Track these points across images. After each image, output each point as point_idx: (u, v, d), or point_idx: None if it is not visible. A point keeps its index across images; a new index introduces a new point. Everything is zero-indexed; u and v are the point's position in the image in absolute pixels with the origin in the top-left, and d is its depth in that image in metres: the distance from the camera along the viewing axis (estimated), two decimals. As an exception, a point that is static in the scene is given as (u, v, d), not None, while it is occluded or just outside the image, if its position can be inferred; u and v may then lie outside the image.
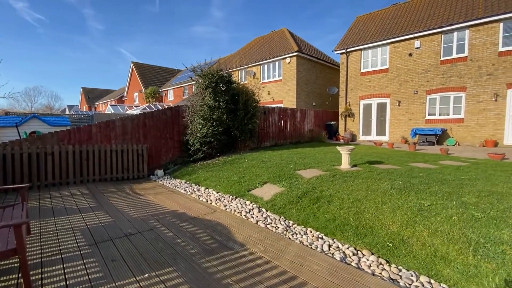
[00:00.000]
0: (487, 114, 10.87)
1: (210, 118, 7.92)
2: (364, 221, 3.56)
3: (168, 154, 8.16)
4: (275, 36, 20.25)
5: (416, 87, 12.65)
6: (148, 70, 34.87)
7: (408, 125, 12.99)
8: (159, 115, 7.95)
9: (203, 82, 7.99)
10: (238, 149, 9.35)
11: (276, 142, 11.90)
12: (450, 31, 11.53)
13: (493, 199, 3.66)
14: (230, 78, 8.68)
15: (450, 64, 11.63)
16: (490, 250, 2.72)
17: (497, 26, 10.40)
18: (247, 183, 5.48)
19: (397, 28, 13.42)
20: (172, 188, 6.02)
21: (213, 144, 8.18)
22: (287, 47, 16.67)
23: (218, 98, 8.07)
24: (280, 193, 4.79)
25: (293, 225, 3.78)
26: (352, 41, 14.80)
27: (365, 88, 14.38)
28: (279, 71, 17.00)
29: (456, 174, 5.20)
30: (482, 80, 10.88)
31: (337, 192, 4.48)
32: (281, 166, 6.40)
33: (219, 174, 6.42)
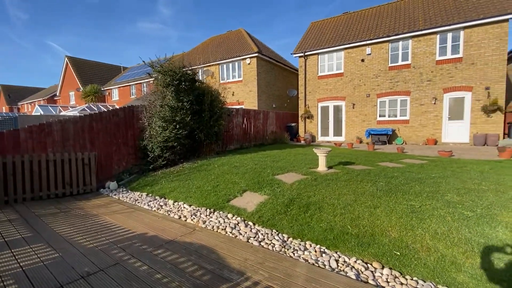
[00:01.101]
0: (428, 115, 12.23)
1: (173, 120, 7.04)
2: (363, 228, 3.34)
3: (121, 162, 6.98)
4: (232, 36, 19.80)
5: (368, 90, 13.61)
6: (87, 67, 30.82)
7: (361, 126, 13.89)
8: (110, 116, 6.74)
9: (164, 80, 7.07)
10: (203, 153, 8.60)
11: (241, 145, 11.43)
12: (396, 40, 12.70)
13: (473, 196, 3.84)
14: (195, 76, 7.91)
15: (397, 70, 12.80)
16: (491, 249, 2.73)
17: (435, 38, 11.81)
18: (224, 193, 4.88)
19: (350, 35, 14.28)
20: (131, 203, 5.05)
21: (176, 149, 7.31)
22: (247, 48, 16.37)
23: (182, 97, 7.24)
24: (265, 202, 4.34)
25: (288, 239, 3.36)
26: (309, 45, 15.25)
27: (323, 91, 14.95)
28: (239, 72, 16.59)
29: (426, 172, 5.49)
30: (423, 85, 12.21)
31: (325, 198, 4.23)
32: (257, 171, 5.95)
33: (188, 183, 5.66)
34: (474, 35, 11.03)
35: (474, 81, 11.16)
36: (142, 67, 26.82)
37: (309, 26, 17.70)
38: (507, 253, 2.67)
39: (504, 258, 2.59)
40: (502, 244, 2.78)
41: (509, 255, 2.61)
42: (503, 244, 2.77)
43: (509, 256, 2.61)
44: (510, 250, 2.69)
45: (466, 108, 11.48)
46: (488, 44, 10.80)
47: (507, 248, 2.73)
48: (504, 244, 2.77)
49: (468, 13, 11.24)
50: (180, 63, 7.51)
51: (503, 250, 2.68)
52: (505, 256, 2.62)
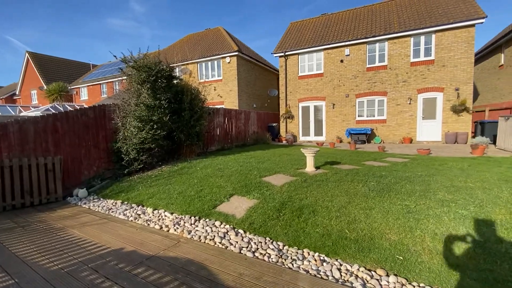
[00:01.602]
0: (403, 115, 12.68)
1: (150, 119, 6.52)
2: (361, 232, 3.18)
3: (91, 167, 6.32)
4: (210, 34, 19.27)
5: (347, 91, 13.84)
6: (51, 63, 28.47)
7: (341, 126, 14.10)
8: (77, 116, 6.07)
9: (139, 76, 6.51)
10: (183, 155, 8.12)
11: (222, 146, 11.04)
12: (373, 42, 13.04)
13: (463, 194, 3.84)
14: (172, 72, 7.42)
15: (374, 71, 13.14)
16: (492, 249, 2.67)
17: (409, 40, 12.27)
18: (210, 198, 4.52)
19: (329, 36, 14.45)
20: (104, 213, 4.51)
21: (154, 152, 6.78)
22: (226, 46, 15.98)
23: (159, 95, 6.73)
24: (254, 206, 4.05)
25: (284, 247, 3.10)
26: (289, 45, 15.22)
27: (303, 91, 14.98)
28: (218, 71, 16.15)
29: (411, 170, 5.52)
30: (399, 86, 12.65)
31: (318, 200, 4.04)
32: (243, 173, 5.65)
33: (168, 188, 5.20)
34: (445, 39, 11.62)
35: (445, 82, 11.75)
36: (114, 65, 25.33)
37: (289, 26, 17.71)
38: (505, 252, 2.63)
39: (505, 257, 2.54)
40: (501, 242, 2.74)
41: (507, 254, 2.57)
42: (501, 243, 2.73)
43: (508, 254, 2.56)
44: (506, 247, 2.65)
45: (438, 108, 12.05)
46: (457, 47, 11.42)
47: (502, 245, 2.70)
48: (501, 242, 2.73)
49: (439, 18, 11.82)
50: (156, 58, 6.99)
51: (505, 251, 2.63)
52: (505, 255, 2.56)
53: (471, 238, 2.87)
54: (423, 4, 13.34)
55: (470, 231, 2.98)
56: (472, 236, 2.89)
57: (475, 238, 2.86)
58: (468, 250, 2.72)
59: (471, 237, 2.87)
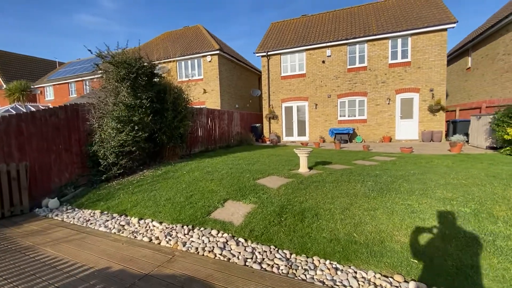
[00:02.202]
0: (383, 115, 13.08)
1: (130, 120, 6.00)
2: (370, 235, 3.04)
3: (63, 173, 5.65)
4: (189, 32, 18.66)
5: (329, 91, 14.02)
6: (11, 60, 25.99)
7: (324, 126, 14.25)
8: (46, 117, 5.40)
9: (118, 73, 5.96)
10: (165, 158, 7.63)
11: (206, 147, 10.62)
12: (353, 43, 13.32)
13: (460, 191, 3.87)
14: (154, 69, 6.93)
15: (354, 72, 13.43)
16: (503, 247, 2.65)
17: (387, 42, 12.69)
18: (202, 204, 4.18)
19: (310, 37, 14.56)
20: (81, 225, 3.99)
21: (135, 155, 6.25)
22: (207, 45, 15.51)
23: (140, 94, 6.22)
24: (252, 212, 3.79)
25: (291, 255, 2.87)
26: (271, 45, 15.12)
27: (286, 91, 14.95)
28: (199, 70, 15.62)
29: (403, 169, 5.57)
30: (378, 87, 13.03)
31: (319, 202, 3.87)
32: (235, 176, 5.35)
33: (154, 195, 4.77)
34: (420, 42, 12.16)
35: (421, 83, 12.29)
36: (84, 62, 23.69)
37: (270, 26, 17.64)
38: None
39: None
40: (509, 239, 2.72)
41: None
42: (510, 240, 2.72)
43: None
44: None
45: (415, 108, 12.58)
46: (431, 50, 12.00)
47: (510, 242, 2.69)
48: (510, 239, 2.72)
49: (414, 22, 12.35)
50: (136, 54, 6.47)
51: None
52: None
53: (480, 236, 2.84)
54: (399, 9, 13.90)
55: (476, 229, 2.95)
56: (480, 234, 2.85)
57: (483, 236, 2.84)
58: (478, 250, 2.68)
59: (479, 236, 2.84)
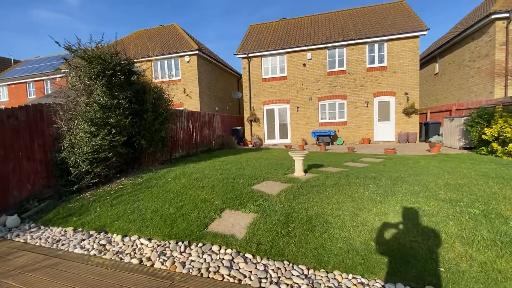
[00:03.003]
0: (362, 117, 13.43)
1: (106, 122, 5.33)
2: (388, 243, 2.85)
3: (24, 184, 4.82)
4: (165, 31, 17.83)
5: (310, 94, 14.12)
6: (-46, 56, 22.88)
7: (305, 129, 14.30)
8: (2, 119, 4.57)
9: (91, 69, 5.27)
10: (145, 164, 6.99)
11: (188, 152, 10.02)
12: (333, 47, 13.56)
13: (462, 192, 3.87)
14: (132, 66, 6.31)
15: (334, 75, 13.67)
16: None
17: (365, 47, 13.09)
18: (196, 215, 3.73)
19: (291, 40, 14.59)
20: (51, 247, 3.33)
21: (112, 161, 5.58)
22: (185, 45, 14.87)
23: (117, 93, 5.58)
24: (255, 222, 3.43)
25: (309, 271, 2.56)
26: (252, 47, 14.91)
27: (268, 94, 14.80)
28: (176, 71, 14.90)
29: (396, 170, 5.57)
30: (357, 90, 13.37)
31: (325, 209, 3.63)
32: (227, 182, 4.95)
33: (138, 206, 4.21)
34: (395, 48, 12.71)
35: (397, 87, 12.83)
36: (45, 60, 21.63)
37: (249, 28, 17.46)
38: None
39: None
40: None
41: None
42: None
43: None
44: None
45: (391, 110, 13.09)
46: (405, 55, 12.59)
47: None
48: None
49: (389, 28, 12.90)
50: (112, 49, 5.82)
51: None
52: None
53: (497, 237, 2.77)
54: (374, 16, 14.48)
55: (491, 230, 2.89)
56: (497, 236, 2.79)
57: (499, 237, 2.77)
58: (499, 252, 2.59)
59: (496, 237, 2.77)
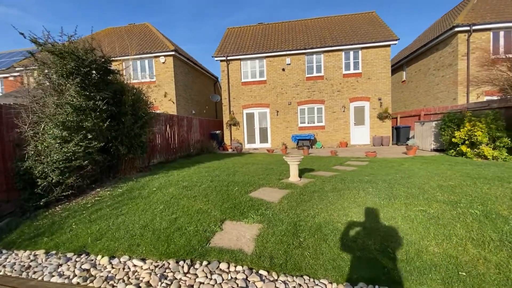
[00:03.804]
0: (339, 121, 13.84)
1: (80, 126, 4.72)
2: (403, 249, 2.78)
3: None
4: (136, 30, 16.89)
5: (289, 98, 14.23)
6: None
7: (285, 133, 14.35)
8: None
9: (63, 65, 4.64)
10: (122, 172, 6.39)
11: (166, 158, 9.43)
12: (311, 53, 13.86)
13: (457, 193, 4.00)
14: (109, 64, 5.73)
15: (313, 81, 13.95)
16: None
17: (341, 54, 13.56)
18: (194, 229, 3.37)
19: (270, 45, 14.63)
20: (19, 276, 2.74)
21: (87, 170, 4.95)
22: (160, 45, 14.16)
23: (93, 94, 4.99)
24: (262, 234, 3.18)
25: (332, 285, 2.38)
26: (231, 50, 14.68)
27: (247, 98, 14.62)
28: (150, 72, 14.10)
29: (386, 173, 5.68)
30: (334, 95, 13.77)
31: (332, 215, 3.51)
32: (221, 190, 4.63)
33: (123, 221, 3.71)
34: (369, 55, 13.34)
35: (371, 93, 13.45)
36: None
37: (226, 31, 17.22)
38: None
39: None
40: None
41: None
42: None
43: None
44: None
45: (366, 115, 13.67)
46: (378, 63, 13.27)
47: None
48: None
49: (363, 37, 13.53)
50: (87, 44, 5.21)
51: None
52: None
53: (503, 238, 2.84)
54: (348, 24, 15.12)
55: (496, 231, 2.96)
56: (504, 236, 2.86)
57: (507, 238, 2.85)
58: (510, 252, 2.65)
59: (503, 237, 2.84)
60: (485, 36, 11.07)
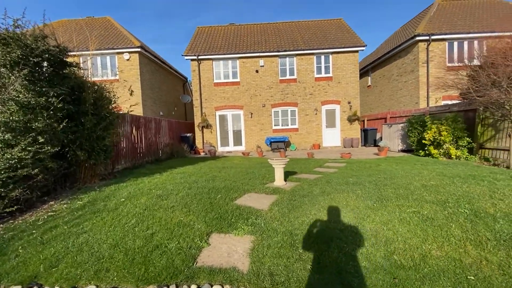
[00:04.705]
0: (312, 124, 14.04)
1: (28, 128, 3.93)
2: (407, 254, 2.65)
3: None
4: (96, 23, 15.44)
5: (263, 100, 14.08)
6: None
7: (260, 135, 14.15)
8: None
9: (6, 54, 3.81)
10: (82, 181, 5.57)
11: (133, 163, 8.58)
12: (284, 56, 13.89)
13: (442, 193, 4.07)
14: (65, 55, 4.93)
15: (286, 83, 13.98)
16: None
17: (313, 58, 13.80)
18: (176, 246, 2.90)
19: (242, 45, 14.37)
20: None
21: (36, 180, 4.14)
22: (124, 40, 13.06)
23: (46, 89, 4.21)
24: (256, 247, 2.84)
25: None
26: (202, 49, 14.10)
27: (220, 99, 14.14)
28: (113, 69, 12.90)
29: (368, 174, 5.71)
30: (307, 98, 13.96)
31: (326, 222, 3.29)
32: (202, 198, 4.19)
33: (86, 241, 3.09)
34: (339, 60, 13.78)
35: (341, 96, 13.89)
36: None
37: (196, 30, 16.58)
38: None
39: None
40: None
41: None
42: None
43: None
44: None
45: (337, 118, 14.07)
46: (347, 68, 13.77)
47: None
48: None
49: (333, 42, 13.96)
50: (38, 31, 4.40)
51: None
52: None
53: (497, 236, 2.86)
54: (319, 30, 15.51)
55: (488, 229, 2.99)
56: (497, 235, 2.89)
57: (500, 236, 2.88)
58: (508, 252, 2.66)
59: (497, 236, 2.87)
60: (442, 45, 12.12)
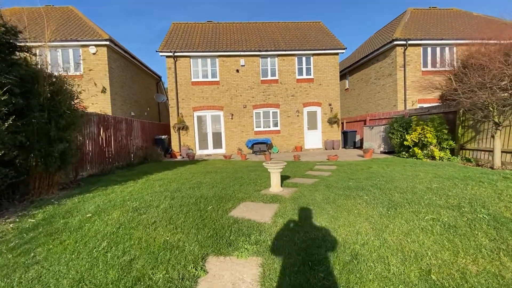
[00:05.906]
0: (293, 126, 13.79)
1: (-43, 125, 2.99)
2: (439, 270, 2.27)
3: None
4: (56, 13, 13.83)
5: (244, 101, 13.55)
6: None
7: (241, 137, 13.57)
8: None
9: None
10: (36, 192, 4.59)
11: (101, 169, 7.54)
12: (265, 56, 13.51)
13: (452, 197, 3.83)
14: (14, 38, 4.00)
15: (268, 84, 13.59)
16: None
17: (294, 59, 13.59)
18: (164, 277, 2.24)
19: (222, 44, 13.74)
20: None
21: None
22: (90, 32, 11.75)
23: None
24: (268, 274, 2.28)
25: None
26: (178, 46, 13.21)
27: (198, 99, 13.34)
28: (77, 64, 11.51)
29: (366, 177, 5.41)
30: (289, 100, 13.69)
31: (342, 236, 2.84)
32: (191, 211, 3.52)
33: (39, 275, 2.29)
34: (320, 62, 13.74)
35: (322, 98, 13.83)
36: None
37: (172, 26, 15.62)
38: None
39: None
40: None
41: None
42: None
43: None
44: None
45: (318, 120, 13.98)
46: (328, 70, 13.77)
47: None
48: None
49: (314, 44, 13.89)
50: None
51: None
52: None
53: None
54: (299, 31, 15.40)
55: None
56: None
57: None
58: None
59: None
60: (417, 50, 12.57)
